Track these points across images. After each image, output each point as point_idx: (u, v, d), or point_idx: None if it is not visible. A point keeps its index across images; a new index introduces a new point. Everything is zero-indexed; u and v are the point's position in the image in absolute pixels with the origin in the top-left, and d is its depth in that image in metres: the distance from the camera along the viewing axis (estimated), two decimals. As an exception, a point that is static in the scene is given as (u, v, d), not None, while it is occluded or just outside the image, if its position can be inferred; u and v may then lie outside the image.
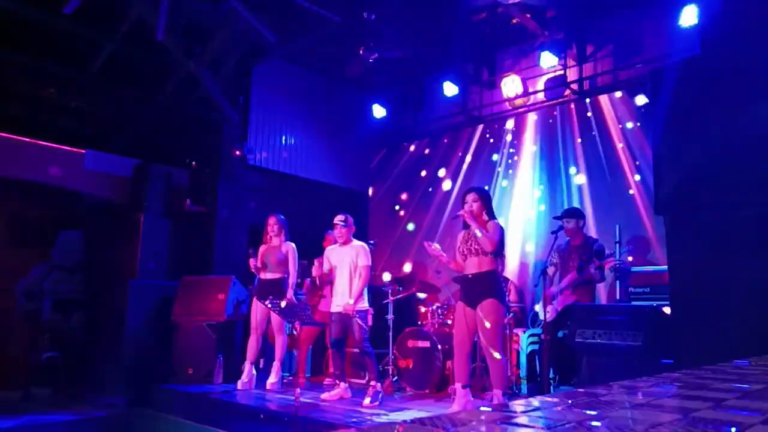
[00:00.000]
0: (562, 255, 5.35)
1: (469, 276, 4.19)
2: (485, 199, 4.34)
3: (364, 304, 5.10)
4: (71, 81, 6.79)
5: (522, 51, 7.67)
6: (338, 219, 5.21)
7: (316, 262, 5.82)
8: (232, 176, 7.35)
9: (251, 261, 5.61)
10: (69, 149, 6.49)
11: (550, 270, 5.35)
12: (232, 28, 6.62)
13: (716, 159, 2.92)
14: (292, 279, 5.62)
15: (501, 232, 4.20)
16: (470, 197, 4.31)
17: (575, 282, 5.15)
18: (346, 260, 5.15)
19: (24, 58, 6.28)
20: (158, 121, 7.44)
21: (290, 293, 5.48)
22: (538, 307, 5.47)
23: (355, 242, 5.26)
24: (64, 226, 7.17)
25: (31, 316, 6.82)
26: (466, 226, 4.29)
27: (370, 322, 5.16)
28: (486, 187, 4.62)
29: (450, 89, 7.76)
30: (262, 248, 5.73)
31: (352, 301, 4.97)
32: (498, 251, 4.17)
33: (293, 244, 5.72)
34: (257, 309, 5.61)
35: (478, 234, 4.12)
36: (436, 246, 4.37)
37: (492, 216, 4.32)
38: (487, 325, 4.00)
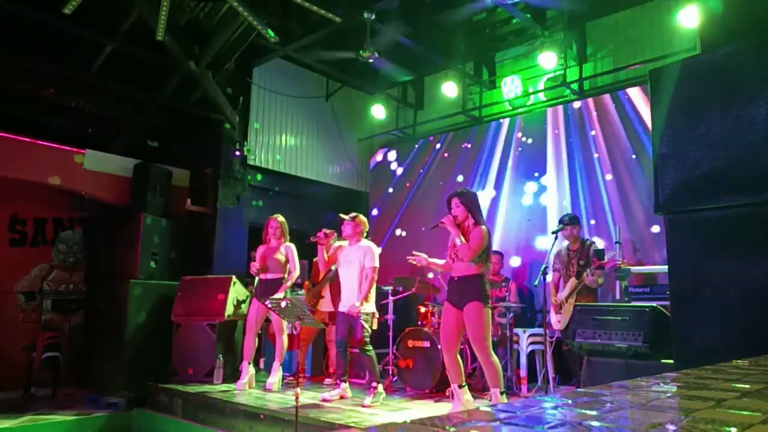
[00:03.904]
0: (563, 261, 5.34)
1: (455, 278, 4.21)
2: (469, 204, 4.24)
3: (370, 307, 5.03)
4: (71, 81, 6.79)
5: (522, 51, 7.67)
6: (348, 216, 5.16)
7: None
8: (232, 176, 7.35)
9: (252, 264, 5.62)
10: (69, 149, 6.48)
11: (555, 276, 5.34)
12: (232, 28, 6.63)
13: (716, 159, 2.91)
14: (291, 278, 5.61)
15: (482, 239, 4.09)
16: (453, 202, 4.28)
17: (576, 287, 5.13)
18: (354, 260, 5.04)
19: (24, 58, 6.28)
20: (158, 121, 7.45)
21: (280, 292, 5.43)
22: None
23: (364, 242, 5.17)
24: (64, 226, 7.18)
25: (31, 316, 6.83)
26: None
27: (374, 326, 5.08)
28: (467, 190, 4.52)
29: (450, 89, 7.77)
30: (260, 249, 5.73)
31: (358, 304, 4.90)
32: (478, 259, 4.11)
33: (293, 245, 5.71)
34: (255, 308, 5.61)
35: (458, 242, 4.14)
36: (422, 255, 4.39)
37: (478, 219, 4.21)
38: (473, 326, 4.02)
